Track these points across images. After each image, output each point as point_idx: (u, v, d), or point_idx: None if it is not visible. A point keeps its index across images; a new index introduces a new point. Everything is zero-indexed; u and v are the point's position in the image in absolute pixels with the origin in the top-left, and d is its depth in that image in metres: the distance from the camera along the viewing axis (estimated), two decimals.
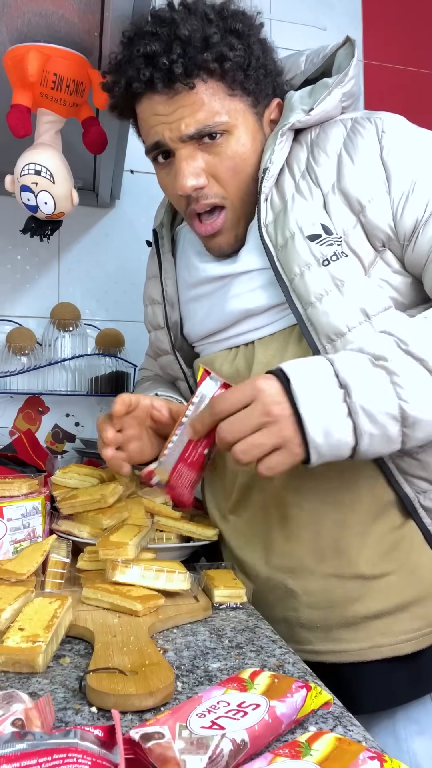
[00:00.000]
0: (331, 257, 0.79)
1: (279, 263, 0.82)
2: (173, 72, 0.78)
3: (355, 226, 0.80)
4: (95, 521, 0.87)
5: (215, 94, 0.81)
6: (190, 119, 0.81)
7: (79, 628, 0.68)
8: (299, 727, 0.51)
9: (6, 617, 0.63)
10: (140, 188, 1.69)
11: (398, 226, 0.79)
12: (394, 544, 0.83)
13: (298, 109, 0.85)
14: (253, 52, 0.83)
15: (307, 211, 0.82)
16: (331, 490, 0.83)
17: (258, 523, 0.89)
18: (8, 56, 0.92)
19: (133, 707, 0.52)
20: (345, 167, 0.82)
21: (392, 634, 0.82)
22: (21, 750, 0.37)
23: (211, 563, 0.91)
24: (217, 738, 0.42)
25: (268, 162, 0.83)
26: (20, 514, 0.84)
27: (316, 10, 1.89)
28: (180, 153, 0.83)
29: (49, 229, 1.07)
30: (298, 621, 0.86)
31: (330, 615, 0.84)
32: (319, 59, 0.92)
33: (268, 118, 0.89)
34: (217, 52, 0.79)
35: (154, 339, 1.05)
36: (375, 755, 0.42)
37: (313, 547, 0.84)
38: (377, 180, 0.80)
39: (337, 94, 0.85)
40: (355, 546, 0.83)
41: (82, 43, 0.92)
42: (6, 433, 1.57)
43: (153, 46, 0.78)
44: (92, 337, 1.63)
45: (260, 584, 0.87)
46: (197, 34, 0.78)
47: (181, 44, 0.78)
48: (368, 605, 0.82)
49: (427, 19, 2.01)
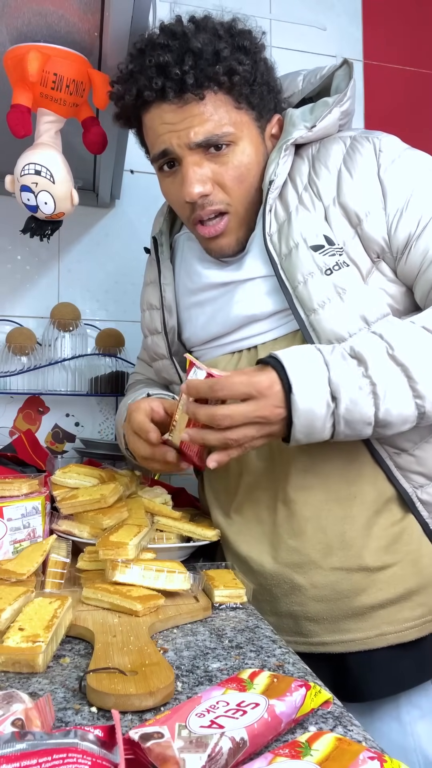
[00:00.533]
0: (334, 267, 0.84)
1: (283, 271, 0.86)
2: (185, 82, 0.81)
3: (353, 237, 0.85)
4: (95, 521, 0.87)
5: (223, 106, 0.85)
6: (199, 128, 0.84)
7: (79, 628, 0.68)
8: (299, 727, 0.51)
9: (6, 617, 0.63)
10: (140, 188, 1.69)
11: (392, 239, 0.85)
12: (396, 536, 0.88)
13: (300, 125, 0.90)
14: (259, 68, 0.87)
15: (310, 222, 0.87)
16: (335, 486, 0.88)
17: (264, 520, 0.92)
18: (8, 56, 0.92)
19: (133, 707, 0.52)
20: (344, 182, 0.87)
21: (397, 622, 0.86)
22: (21, 750, 0.37)
23: (211, 563, 0.91)
24: (216, 736, 0.42)
25: (273, 175, 0.88)
26: (20, 514, 0.84)
27: (316, 10, 1.88)
28: (187, 161, 0.86)
29: (49, 229, 1.07)
30: (304, 614, 0.88)
31: (336, 607, 0.87)
32: (317, 79, 0.97)
33: (269, 132, 0.93)
34: (227, 65, 0.83)
35: (150, 343, 1.06)
36: (375, 755, 0.42)
37: (319, 542, 0.87)
38: (374, 196, 0.85)
39: (336, 113, 0.90)
40: (359, 539, 0.87)
41: (82, 43, 0.92)
42: (6, 433, 1.57)
43: (165, 57, 0.82)
44: (92, 337, 1.63)
45: (265, 579, 0.90)
46: (209, 47, 0.82)
47: (194, 56, 0.82)
48: (373, 596, 0.86)
49: (427, 18, 2.01)
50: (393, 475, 0.87)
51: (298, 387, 0.74)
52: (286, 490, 0.89)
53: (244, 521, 0.94)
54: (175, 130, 0.85)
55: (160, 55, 0.82)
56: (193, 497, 1.21)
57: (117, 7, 0.84)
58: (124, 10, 0.84)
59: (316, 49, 1.81)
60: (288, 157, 0.89)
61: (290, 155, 0.90)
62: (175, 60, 0.82)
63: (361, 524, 0.87)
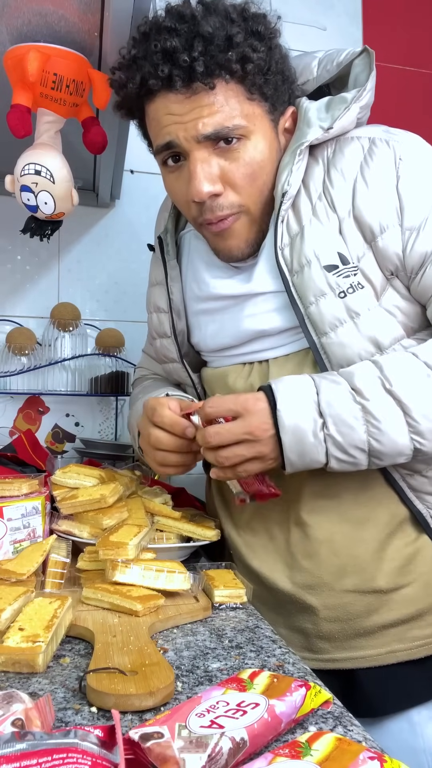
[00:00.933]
0: (348, 289, 0.80)
1: (294, 288, 0.82)
2: (194, 70, 0.74)
3: (367, 253, 0.81)
4: (95, 521, 0.87)
5: (235, 96, 0.78)
6: (209, 119, 0.77)
7: (79, 628, 0.68)
8: (299, 727, 0.51)
9: (6, 617, 0.63)
10: (140, 188, 1.69)
11: (407, 258, 0.80)
12: (410, 557, 0.86)
13: (315, 125, 0.83)
14: (273, 56, 0.80)
15: (324, 237, 0.81)
16: (348, 509, 0.86)
17: (276, 537, 0.91)
18: (8, 56, 0.92)
19: (133, 707, 0.52)
20: (360, 193, 0.81)
21: (407, 640, 0.85)
22: (21, 750, 0.37)
23: (211, 563, 0.91)
24: (216, 736, 0.42)
25: (287, 184, 0.82)
26: (20, 514, 0.84)
27: (316, 9, 1.88)
28: (194, 156, 0.80)
29: (49, 229, 1.07)
30: (316, 633, 0.88)
31: (348, 627, 0.86)
32: (334, 67, 0.89)
33: (283, 126, 0.86)
34: (240, 52, 0.76)
35: (159, 347, 1.03)
36: (375, 755, 0.42)
37: (332, 565, 0.86)
38: (390, 209, 0.80)
39: (355, 109, 0.84)
40: (373, 562, 0.85)
41: (82, 43, 0.92)
42: (6, 433, 1.57)
43: (173, 42, 0.74)
44: (92, 337, 1.63)
45: (279, 597, 0.89)
46: (220, 32, 0.75)
47: (204, 42, 0.74)
48: (385, 616, 0.85)
49: (427, 19, 2.01)
50: (406, 496, 0.85)
51: (284, 403, 0.74)
52: (298, 512, 0.87)
53: (255, 536, 0.93)
54: (182, 122, 0.78)
55: (167, 40, 0.74)
56: (193, 497, 1.21)
57: (117, 7, 0.83)
58: (124, 11, 0.84)
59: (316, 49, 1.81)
60: (302, 162, 0.83)
61: (304, 159, 0.83)
62: (184, 45, 0.74)
63: (374, 547, 0.85)
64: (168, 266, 0.99)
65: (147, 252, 1.08)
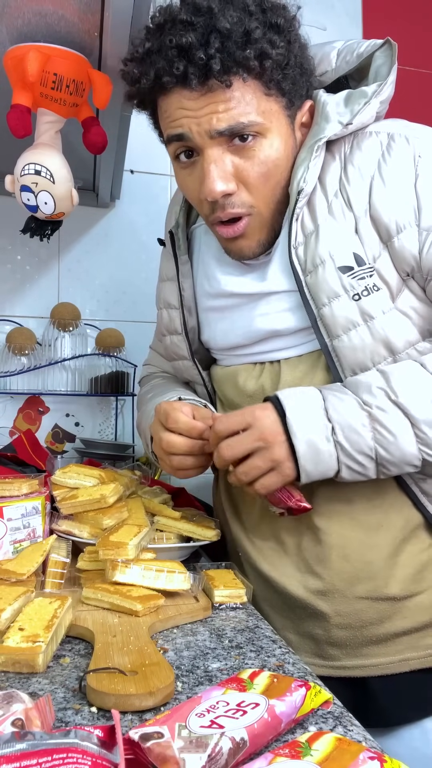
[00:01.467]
0: (362, 292, 0.78)
1: (307, 288, 0.80)
2: (210, 68, 0.71)
3: (383, 253, 0.79)
4: (95, 521, 0.87)
5: (251, 92, 0.75)
6: (224, 115, 0.75)
7: (79, 628, 0.68)
8: (299, 727, 0.51)
9: (6, 617, 0.63)
10: (140, 188, 1.69)
11: (423, 259, 0.78)
12: (424, 564, 0.84)
13: (334, 120, 0.81)
14: (293, 50, 0.77)
15: (339, 236, 0.79)
16: (361, 514, 0.84)
17: (286, 543, 0.89)
18: (8, 56, 0.92)
19: (133, 707, 0.52)
20: (376, 191, 0.79)
21: (420, 648, 0.84)
22: (21, 750, 0.37)
23: (211, 563, 0.91)
24: (216, 736, 0.42)
25: (303, 182, 0.79)
26: (20, 514, 0.84)
27: (316, 10, 1.89)
28: (208, 153, 0.77)
29: (49, 229, 1.07)
30: (327, 639, 0.86)
31: (360, 634, 0.85)
32: (353, 58, 0.86)
33: (300, 121, 0.83)
34: (259, 48, 0.73)
35: (169, 344, 1.01)
36: (375, 755, 0.42)
37: (344, 571, 0.84)
38: (407, 209, 0.77)
39: (375, 104, 0.81)
40: (386, 569, 0.84)
41: (82, 43, 0.92)
42: (6, 433, 1.57)
43: (188, 38, 0.71)
44: (92, 337, 1.63)
45: (290, 602, 0.88)
46: (238, 27, 0.71)
47: (221, 37, 0.71)
48: (398, 623, 0.84)
49: (427, 19, 2.01)
50: (420, 501, 0.83)
51: (292, 410, 0.74)
52: (310, 516, 0.85)
53: (263, 540, 0.92)
54: (195, 117, 0.75)
55: (182, 35, 0.71)
56: (193, 497, 1.21)
57: (117, 7, 0.83)
58: (124, 11, 0.84)
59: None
60: (319, 158, 0.80)
61: (321, 155, 0.81)
62: (200, 41, 0.71)
63: (387, 553, 0.83)
64: (179, 261, 0.97)
65: (147, 252, 1.07)
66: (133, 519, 0.87)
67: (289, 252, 0.81)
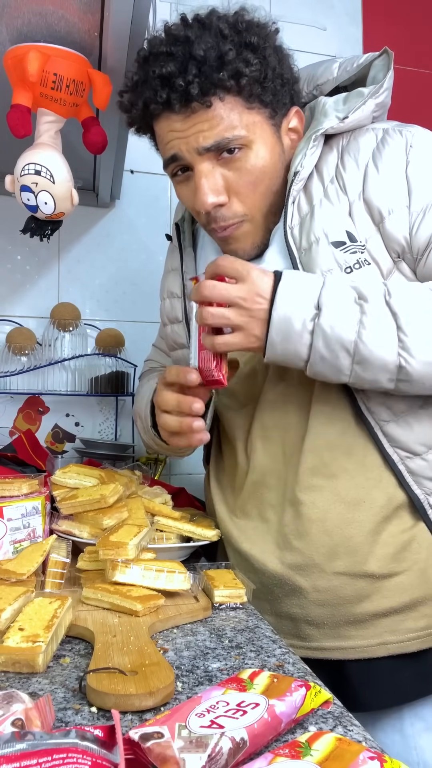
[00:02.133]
0: (354, 265, 0.82)
1: (301, 266, 0.84)
2: (189, 93, 0.78)
3: (375, 235, 0.83)
4: (95, 521, 0.87)
5: (233, 108, 0.82)
6: (209, 132, 0.81)
7: (79, 628, 0.68)
8: (299, 727, 0.51)
9: (6, 617, 0.63)
10: (140, 188, 1.69)
11: (413, 240, 0.82)
12: (405, 544, 0.85)
13: (332, 115, 0.87)
14: (269, 63, 0.83)
15: (333, 216, 0.84)
16: (344, 489, 0.86)
17: (269, 520, 0.91)
18: (8, 56, 0.92)
19: (133, 707, 0.52)
20: (370, 177, 0.84)
21: (400, 632, 0.84)
22: (21, 750, 0.37)
23: (211, 563, 0.91)
24: (216, 736, 0.42)
25: (299, 166, 0.85)
26: (20, 514, 0.84)
27: (316, 10, 1.89)
28: (198, 168, 0.83)
29: (49, 229, 1.07)
30: (304, 617, 0.87)
31: (338, 612, 0.85)
32: (353, 68, 0.92)
33: (286, 127, 0.89)
34: (233, 69, 0.79)
35: (170, 332, 1.05)
36: (375, 755, 0.42)
37: (324, 545, 0.85)
38: (399, 193, 0.82)
39: (371, 105, 0.87)
40: (366, 545, 0.84)
41: (82, 43, 0.92)
42: (6, 433, 1.57)
43: (168, 68, 0.79)
44: (92, 337, 1.63)
45: (267, 579, 0.89)
46: (212, 52, 0.78)
47: (197, 64, 0.78)
48: (377, 603, 0.84)
49: (427, 19, 2.01)
50: (405, 480, 0.85)
51: (286, 285, 0.76)
52: (294, 490, 0.87)
53: (248, 519, 0.93)
54: (184, 137, 0.83)
55: (163, 66, 0.79)
56: (193, 497, 1.21)
57: (117, 7, 0.84)
58: (124, 10, 0.84)
59: (316, 49, 1.81)
60: (316, 148, 0.86)
61: (319, 146, 0.87)
62: (179, 69, 0.79)
63: (368, 529, 0.84)
64: (184, 253, 1.02)
65: (147, 252, 1.08)
66: (133, 519, 0.87)
67: (285, 232, 0.85)
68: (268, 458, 0.92)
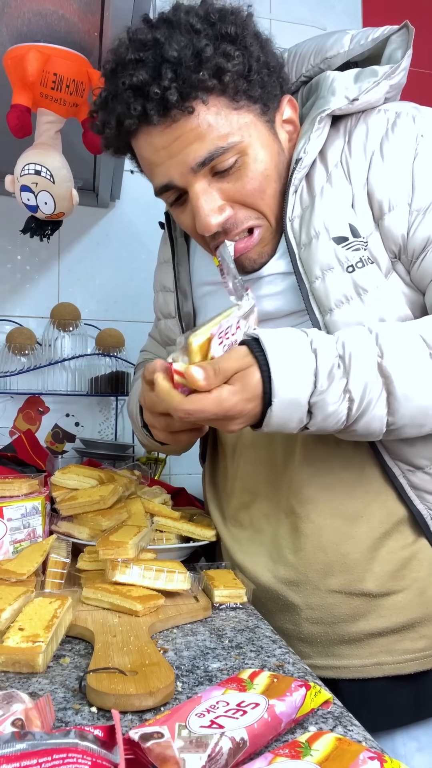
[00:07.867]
0: (357, 263, 0.75)
1: (300, 263, 0.78)
2: (167, 100, 0.69)
3: (374, 232, 0.76)
4: (95, 523, 0.87)
5: (219, 112, 0.72)
6: (198, 144, 0.72)
7: (79, 628, 0.68)
8: (299, 727, 0.51)
9: (6, 617, 0.63)
10: (140, 188, 1.68)
11: (409, 240, 0.76)
12: (405, 562, 0.81)
13: (340, 93, 0.77)
14: (252, 53, 0.73)
15: (335, 207, 0.77)
16: (342, 503, 0.81)
17: (263, 530, 0.87)
18: (8, 56, 0.92)
19: (133, 707, 0.52)
20: (375, 166, 0.76)
21: (396, 653, 0.80)
22: (21, 750, 0.37)
23: (211, 563, 0.91)
24: (216, 736, 0.42)
25: (302, 152, 0.77)
26: (20, 514, 0.84)
27: (316, 10, 1.89)
28: (194, 190, 0.75)
29: (49, 229, 1.07)
30: (297, 634, 0.83)
31: (332, 631, 0.81)
32: (368, 42, 0.83)
33: (281, 120, 0.80)
34: (213, 66, 0.69)
35: (163, 327, 1.00)
36: (375, 755, 0.42)
37: (318, 561, 0.82)
38: (403, 187, 0.75)
39: (385, 86, 0.78)
40: (363, 562, 0.80)
41: (82, 43, 0.93)
42: (6, 433, 1.57)
43: (140, 75, 0.69)
44: (92, 337, 1.63)
45: (259, 592, 0.85)
46: (187, 51, 0.69)
47: (171, 67, 0.69)
48: (373, 623, 0.80)
49: (427, 19, 2.01)
50: (406, 494, 0.79)
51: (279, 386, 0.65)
52: (290, 501, 0.83)
53: (241, 528, 0.91)
54: (171, 156, 0.73)
55: (133, 74, 0.69)
56: (193, 497, 1.21)
57: (117, 7, 0.84)
58: (124, 10, 0.84)
59: None
60: (321, 131, 0.77)
61: (325, 129, 0.77)
62: (152, 75, 0.69)
63: (366, 546, 0.80)
64: (176, 244, 0.95)
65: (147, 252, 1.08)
66: (132, 519, 0.87)
67: (284, 225, 0.78)
68: (259, 465, 0.88)
